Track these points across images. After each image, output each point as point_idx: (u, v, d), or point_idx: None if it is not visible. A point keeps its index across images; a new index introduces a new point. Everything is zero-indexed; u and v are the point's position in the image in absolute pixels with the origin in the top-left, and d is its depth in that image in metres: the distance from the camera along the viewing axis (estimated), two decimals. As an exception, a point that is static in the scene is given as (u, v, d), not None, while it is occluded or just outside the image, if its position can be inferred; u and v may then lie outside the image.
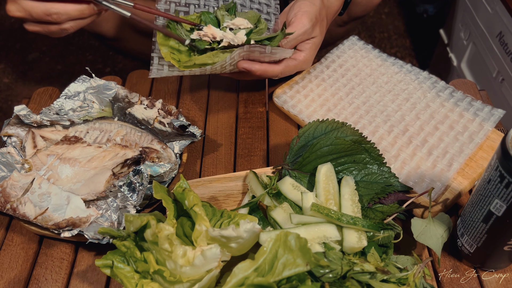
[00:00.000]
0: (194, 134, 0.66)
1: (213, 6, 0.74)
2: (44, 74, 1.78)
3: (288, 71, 0.70)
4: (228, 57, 0.62)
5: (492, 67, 1.20)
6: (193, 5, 0.73)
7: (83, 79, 0.72)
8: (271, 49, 0.64)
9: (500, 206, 0.46)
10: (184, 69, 0.65)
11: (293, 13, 0.69)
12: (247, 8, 0.74)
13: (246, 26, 0.69)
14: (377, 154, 0.57)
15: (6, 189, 0.59)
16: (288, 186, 0.57)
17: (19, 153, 0.65)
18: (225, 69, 0.65)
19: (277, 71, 0.68)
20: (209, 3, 0.74)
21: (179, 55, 0.68)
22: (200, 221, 0.47)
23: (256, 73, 0.66)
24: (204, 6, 0.74)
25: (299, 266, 0.42)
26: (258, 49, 0.63)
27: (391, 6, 2.01)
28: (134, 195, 0.58)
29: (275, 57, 0.66)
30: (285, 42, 0.68)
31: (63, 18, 0.60)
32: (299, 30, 0.67)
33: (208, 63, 0.64)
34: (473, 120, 0.69)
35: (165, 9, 0.72)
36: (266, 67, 0.66)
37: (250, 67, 0.65)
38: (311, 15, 0.68)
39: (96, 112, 0.71)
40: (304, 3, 0.69)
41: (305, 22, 0.67)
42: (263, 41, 0.68)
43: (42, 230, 0.59)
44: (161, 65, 0.68)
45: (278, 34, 0.67)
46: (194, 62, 0.65)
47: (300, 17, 0.68)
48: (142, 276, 0.48)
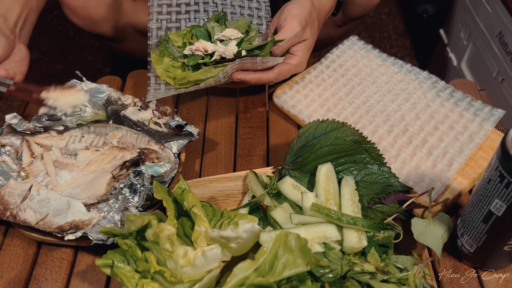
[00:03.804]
0: (192, 133, 0.66)
1: (204, 18, 0.75)
2: (44, 74, 1.78)
3: (282, 76, 0.71)
4: (221, 73, 0.64)
5: (492, 67, 1.20)
6: (184, 20, 0.75)
7: (74, 83, 0.72)
8: (262, 59, 0.66)
9: (500, 206, 0.46)
10: (179, 87, 0.68)
11: (283, 17, 0.70)
12: (237, 15, 0.75)
13: (236, 36, 0.71)
14: (377, 154, 0.57)
15: (4, 197, 0.59)
16: (288, 186, 0.57)
17: (14, 162, 0.65)
18: (220, 82, 0.67)
19: (271, 77, 0.69)
20: (199, 15, 0.75)
21: (174, 72, 0.70)
22: (199, 222, 0.47)
23: (251, 82, 0.68)
24: (194, 19, 0.75)
25: (299, 266, 0.42)
26: (250, 61, 0.65)
27: (391, 6, 2.00)
28: (135, 196, 0.58)
29: (267, 65, 0.68)
30: (276, 48, 0.68)
31: None
32: (290, 34, 0.68)
33: (202, 79, 0.66)
34: (473, 120, 0.69)
35: (157, 27, 0.74)
36: (260, 75, 0.68)
37: (245, 77, 0.66)
38: (301, 18, 0.69)
39: (89, 116, 0.71)
40: (294, 6, 0.70)
41: (295, 26, 0.68)
42: (254, 50, 0.69)
43: (44, 237, 0.59)
44: (158, 84, 0.71)
45: (268, 42, 0.68)
46: (188, 79, 0.67)
47: (290, 20, 0.68)
48: (143, 276, 0.48)
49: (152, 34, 0.74)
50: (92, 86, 0.72)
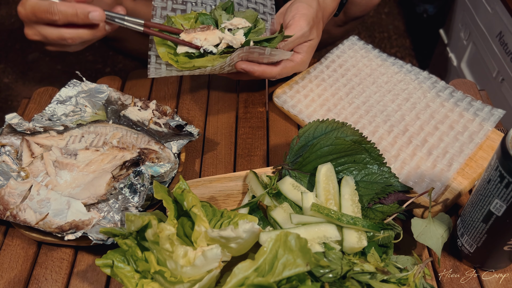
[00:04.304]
0: (192, 133, 0.66)
1: (210, 4, 0.73)
2: (44, 74, 1.78)
3: (285, 73, 0.70)
4: (228, 59, 0.62)
5: (492, 67, 1.20)
6: (190, 3, 0.73)
7: (74, 83, 0.72)
8: (270, 50, 0.64)
9: (500, 206, 0.46)
10: (182, 69, 0.65)
11: (290, 15, 0.69)
12: (243, 8, 0.74)
13: (244, 25, 0.69)
14: (377, 154, 0.57)
15: (4, 197, 0.59)
16: (288, 186, 0.57)
17: (14, 162, 0.65)
18: (224, 70, 0.65)
19: (275, 72, 0.68)
20: (207, 0, 0.73)
21: (178, 57, 0.68)
22: (199, 222, 0.47)
23: (254, 74, 0.66)
24: (201, 4, 0.73)
25: (299, 266, 0.42)
26: (258, 50, 0.63)
27: (391, 6, 2.01)
28: (135, 196, 0.58)
29: (273, 58, 0.67)
30: (283, 44, 0.68)
31: (77, 41, 0.62)
32: (297, 33, 0.68)
33: (208, 66, 0.65)
34: (473, 120, 0.69)
35: (162, 6, 0.72)
36: (265, 68, 0.67)
37: (249, 68, 0.65)
38: (309, 18, 0.69)
39: (89, 116, 0.71)
40: (302, 5, 0.70)
41: (303, 25, 0.68)
42: (262, 43, 0.68)
43: (44, 237, 0.59)
44: (159, 64, 0.68)
45: (277, 36, 0.67)
46: (193, 64, 0.65)
47: (298, 19, 0.68)
48: (143, 276, 0.48)
49: (156, 13, 0.72)
50: (92, 86, 0.72)
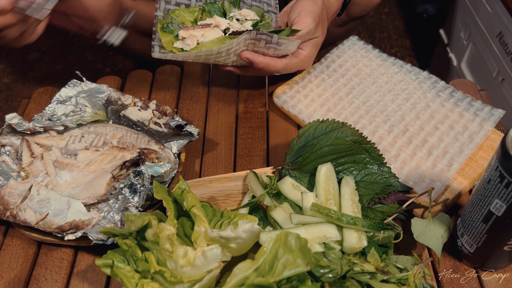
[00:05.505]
0: (192, 133, 0.66)
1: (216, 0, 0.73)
2: (44, 74, 1.78)
3: (289, 68, 0.69)
4: (235, 41, 0.61)
5: (492, 67, 1.20)
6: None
7: (74, 83, 0.72)
8: (277, 38, 0.63)
9: (500, 206, 0.46)
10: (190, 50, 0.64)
11: (296, 12, 0.69)
12: (248, 5, 0.74)
13: (253, 17, 0.69)
14: (377, 154, 0.57)
15: (4, 197, 0.59)
16: (288, 186, 0.57)
17: (14, 162, 0.65)
18: (229, 58, 0.64)
19: (279, 66, 0.67)
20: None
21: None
22: (199, 222, 0.47)
23: (258, 65, 0.65)
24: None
25: (299, 266, 0.42)
26: (265, 37, 0.62)
27: (391, 6, 2.01)
28: (135, 196, 0.58)
29: (279, 49, 0.66)
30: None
31: None
32: (304, 29, 0.67)
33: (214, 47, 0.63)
34: (473, 120, 0.69)
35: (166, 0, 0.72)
36: (269, 60, 0.66)
37: (253, 58, 0.64)
38: (315, 15, 0.68)
39: (89, 116, 0.71)
40: (307, 2, 0.69)
41: (309, 22, 0.67)
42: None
43: (44, 237, 0.59)
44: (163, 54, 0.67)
45: (285, 29, 0.67)
46: (200, 48, 0.65)
47: (304, 16, 0.68)
48: (143, 276, 0.48)
49: (160, 6, 0.72)
50: (92, 86, 0.72)
